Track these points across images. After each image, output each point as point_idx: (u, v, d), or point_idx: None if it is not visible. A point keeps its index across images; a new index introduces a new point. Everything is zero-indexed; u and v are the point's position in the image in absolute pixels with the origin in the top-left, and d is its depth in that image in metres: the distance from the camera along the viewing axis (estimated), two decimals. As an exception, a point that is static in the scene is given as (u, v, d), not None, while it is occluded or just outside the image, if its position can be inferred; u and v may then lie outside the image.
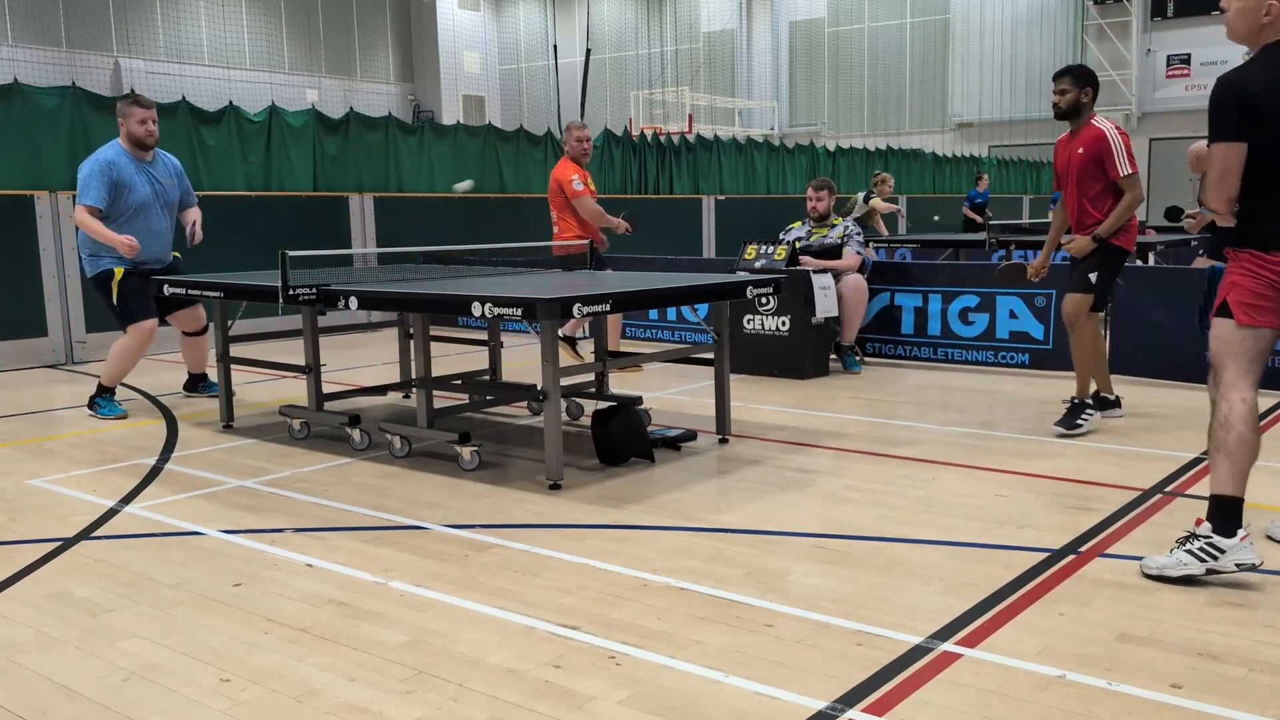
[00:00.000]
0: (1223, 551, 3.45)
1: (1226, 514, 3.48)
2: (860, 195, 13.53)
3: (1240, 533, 3.48)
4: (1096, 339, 6.00)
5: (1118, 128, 5.81)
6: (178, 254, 7.10)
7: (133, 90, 11.33)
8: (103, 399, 6.78)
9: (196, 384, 7.48)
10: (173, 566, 3.89)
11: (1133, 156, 5.77)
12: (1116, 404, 6.22)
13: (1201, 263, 8.48)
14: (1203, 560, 3.46)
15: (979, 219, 18.16)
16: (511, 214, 13.23)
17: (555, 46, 32.55)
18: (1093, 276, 5.81)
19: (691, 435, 5.81)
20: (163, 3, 25.05)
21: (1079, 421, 5.80)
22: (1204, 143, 4.29)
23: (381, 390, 6.64)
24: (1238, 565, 3.45)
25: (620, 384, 7.50)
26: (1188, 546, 3.51)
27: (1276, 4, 3.45)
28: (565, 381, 5.97)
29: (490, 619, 3.34)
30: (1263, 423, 6.04)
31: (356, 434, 5.71)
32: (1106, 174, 5.73)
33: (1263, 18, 3.46)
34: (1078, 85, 5.76)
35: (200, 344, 7.33)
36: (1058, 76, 5.86)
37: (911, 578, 3.65)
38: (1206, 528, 3.49)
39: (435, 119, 26.66)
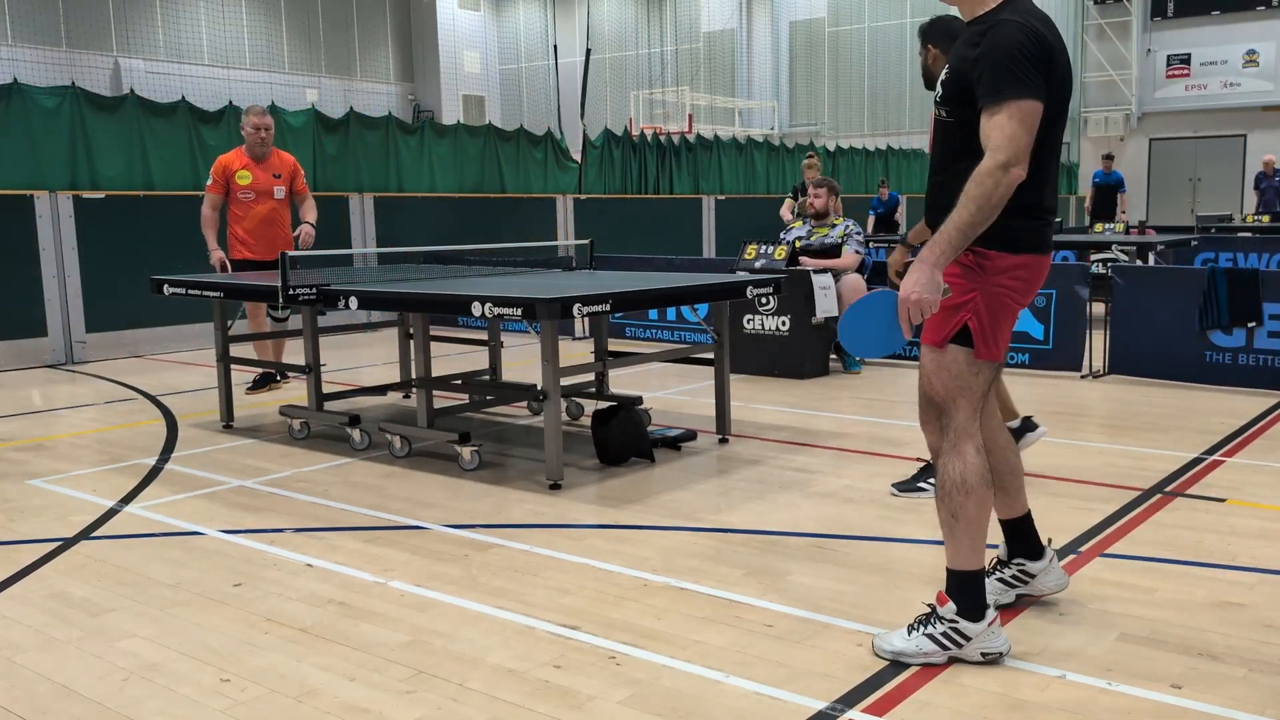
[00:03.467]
0: (969, 639, 2.96)
1: (973, 592, 2.99)
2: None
3: (990, 615, 2.98)
4: None
5: None
6: None
7: (132, 90, 11.33)
8: None
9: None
10: (173, 566, 3.89)
11: None
12: (1028, 427, 4.86)
13: None
14: (946, 648, 2.96)
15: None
16: (511, 214, 13.23)
17: (555, 46, 32.52)
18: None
19: (691, 435, 5.81)
20: (163, 3, 25.03)
21: (922, 485, 4.68)
22: None
23: (381, 390, 6.63)
24: (984, 655, 2.96)
25: (619, 384, 7.50)
26: (929, 630, 2.98)
27: None
28: (565, 381, 5.97)
29: (490, 619, 3.34)
30: (1262, 423, 6.04)
31: (356, 434, 5.71)
32: None
33: None
34: (927, 43, 4.53)
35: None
36: (919, 36, 4.62)
37: (911, 578, 3.65)
38: (950, 609, 2.97)
39: (435, 119, 26.64)
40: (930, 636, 2.97)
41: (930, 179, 3.16)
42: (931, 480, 4.62)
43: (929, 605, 3.05)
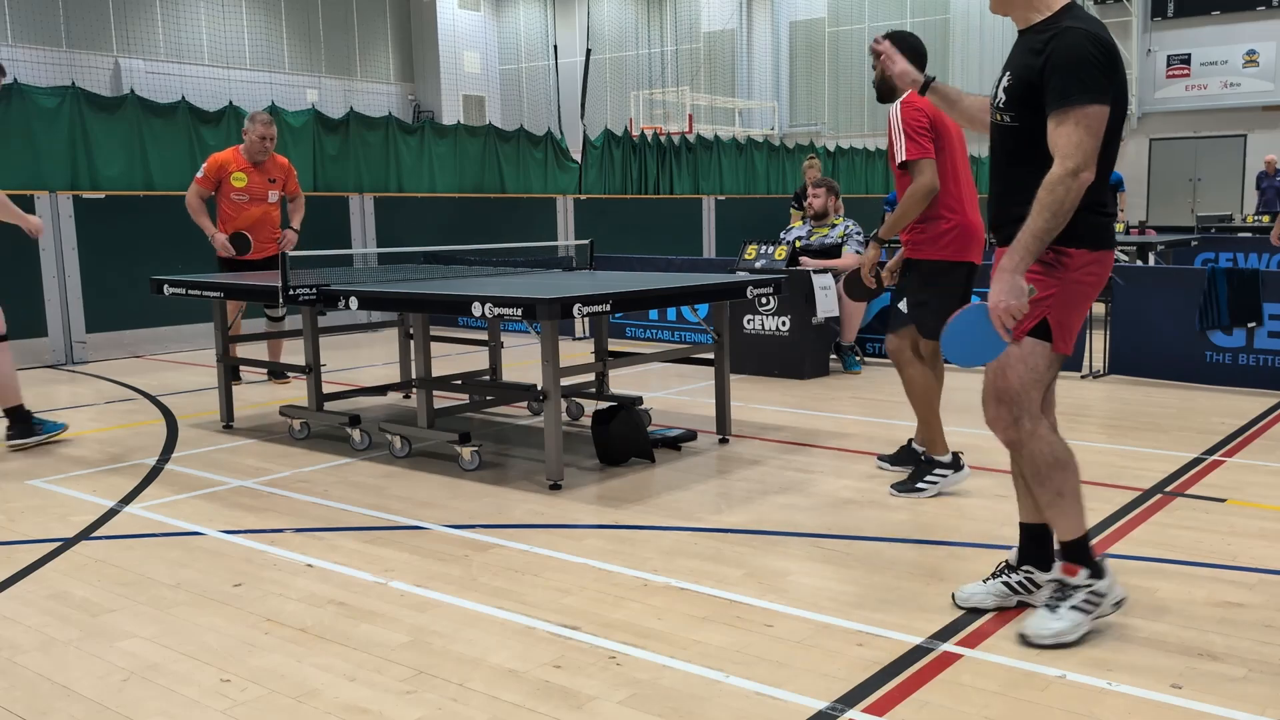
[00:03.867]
0: (1104, 595, 3.12)
1: (1090, 553, 3.14)
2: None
3: (1108, 567, 3.16)
4: (926, 377, 4.71)
5: (914, 102, 4.46)
6: None
7: (132, 90, 11.33)
8: (36, 419, 5.95)
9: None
10: (173, 566, 3.89)
11: (920, 134, 4.41)
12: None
13: None
14: (1089, 612, 3.10)
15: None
16: (511, 214, 13.24)
17: (555, 46, 32.52)
18: (903, 305, 4.70)
19: (691, 435, 5.81)
20: (163, 3, 25.04)
21: (920, 485, 4.63)
22: None
23: (381, 390, 6.64)
24: (1114, 606, 3.16)
25: (619, 384, 7.50)
26: (1072, 602, 3.10)
27: None
28: (565, 381, 5.97)
29: (490, 619, 3.34)
30: (1262, 423, 6.04)
31: (356, 434, 5.71)
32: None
33: None
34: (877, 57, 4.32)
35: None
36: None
37: (911, 578, 3.65)
38: (1083, 574, 3.11)
39: (435, 119, 26.65)
40: (1075, 608, 3.09)
41: (992, 185, 3.23)
42: (929, 479, 4.64)
43: (1057, 581, 3.14)
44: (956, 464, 4.67)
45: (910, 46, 4.49)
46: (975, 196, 4.64)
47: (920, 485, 4.64)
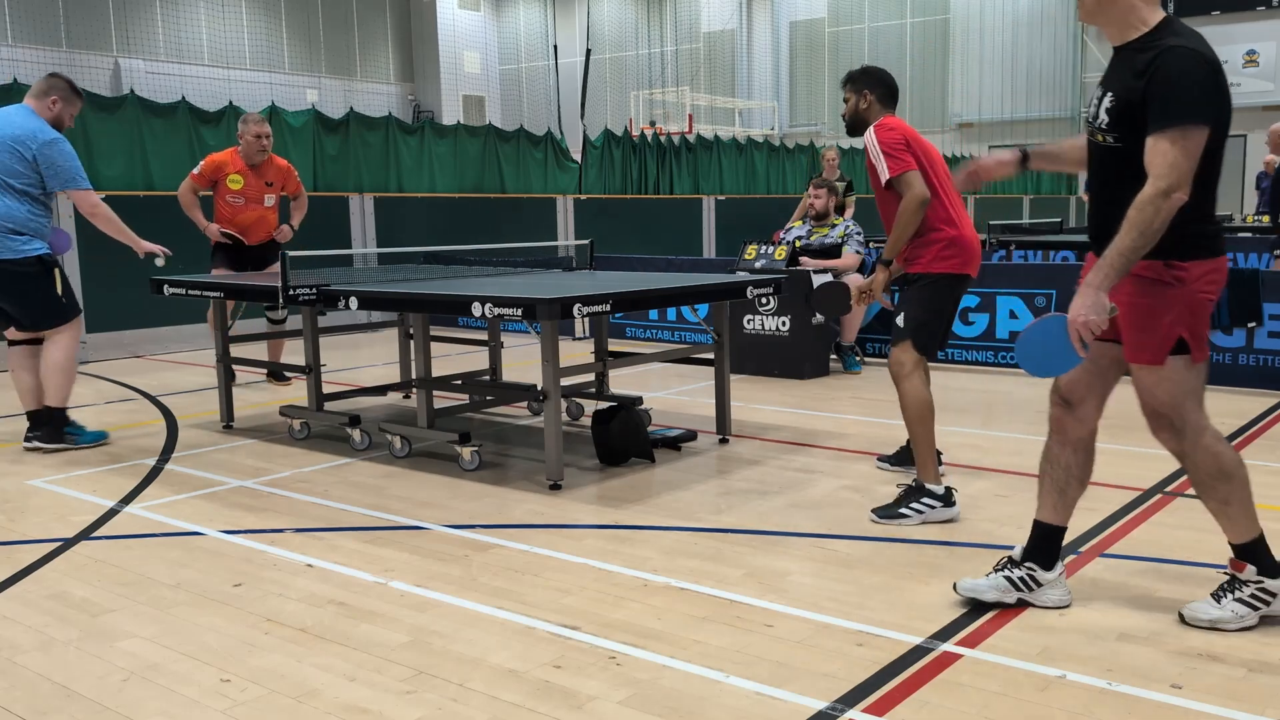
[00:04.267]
0: (1275, 595, 3.18)
1: (1266, 552, 3.19)
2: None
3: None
4: (922, 394, 4.42)
5: (886, 123, 4.50)
6: None
7: (132, 90, 11.33)
8: (72, 426, 5.87)
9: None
10: (173, 566, 3.89)
11: (899, 151, 4.37)
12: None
13: None
14: (1257, 608, 3.16)
15: None
16: (511, 214, 13.23)
17: (555, 46, 32.52)
18: (899, 320, 4.52)
19: (691, 435, 5.81)
20: (163, 3, 25.04)
21: (904, 511, 4.27)
22: None
23: (381, 390, 6.64)
24: None
25: (619, 384, 7.50)
26: (1238, 595, 3.17)
27: None
28: (565, 382, 5.97)
29: (490, 619, 3.34)
30: (1262, 423, 6.04)
31: (356, 434, 5.71)
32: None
33: None
34: (856, 90, 4.64)
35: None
36: (843, 84, 4.77)
37: (911, 578, 3.65)
38: (1251, 571, 3.17)
39: (435, 119, 26.66)
40: (1241, 601, 3.17)
41: (1093, 206, 3.26)
42: (913, 506, 4.27)
43: (1228, 574, 3.22)
44: (948, 499, 4.31)
45: (880, 80, 4.65)
46: (965, 209, 4.60)
47: (904, 512, 4.26)
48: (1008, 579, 3.34)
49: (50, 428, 5.78)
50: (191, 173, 7.60)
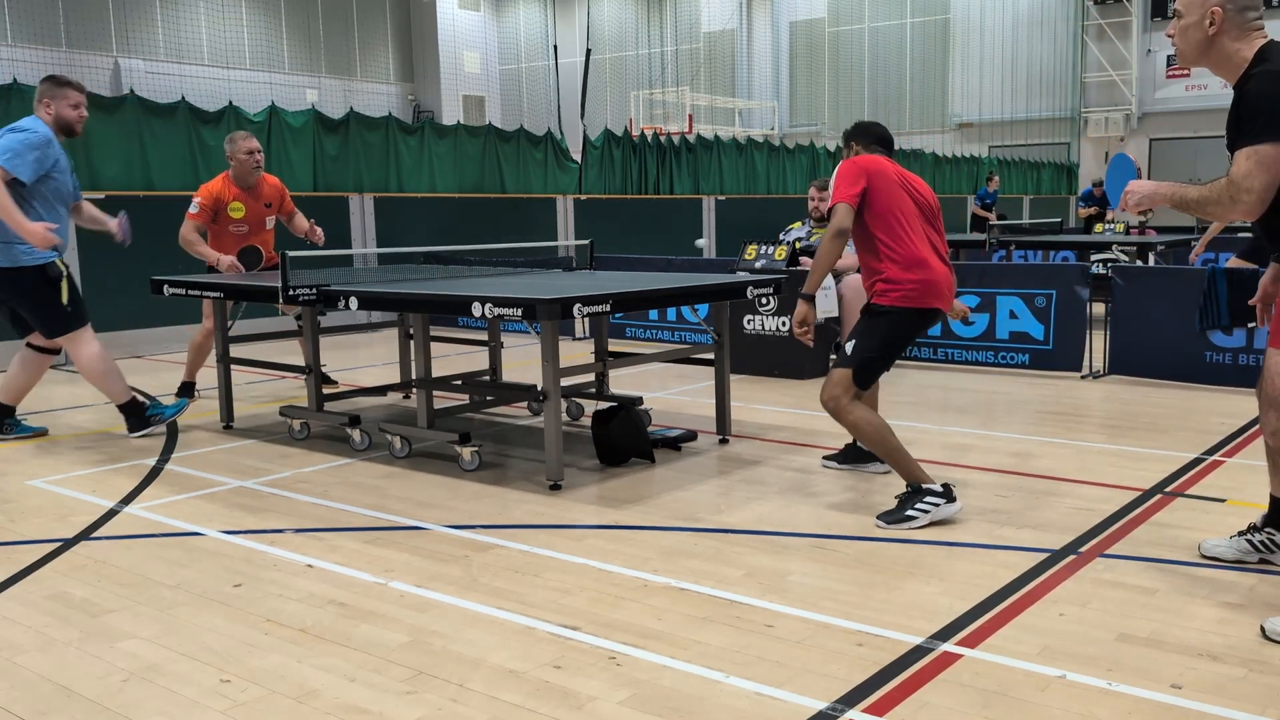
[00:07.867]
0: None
1: None
2: None
3: None
4: (868, 419, 4.43)
5: (856, 160, 4.51)
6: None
7: (132, 90, 11.33)
8: (153, 407, 6.18)
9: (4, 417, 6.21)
10: (173, 567, 3.89)
11: (846, 183, 4.39)
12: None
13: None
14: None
15: (989, 216, 18.25)
16: (511, 214, 13.23)
17: (555, 46, 32.51)
18: (848, 347, 4.52)
19: (692, 435, 5.81)
20: (163, 3, 25.04)
21: (910, 513, 4.26)
22: None
23: (381, 390, 6.64)
24: None
25: (619, 384, 7.50)
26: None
27: (1219, 9, 3.30)
28: (565, 382, 5.97)
29: (490, 619, 3.34)
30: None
31: (356, 434, 5.71)
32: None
33: (1208, 29, 3.33)
34: (846, 144, 4.76)
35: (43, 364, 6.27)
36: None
37: (911, 578, 3.65)
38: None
39: (435, 119, 26.66)
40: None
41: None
42: (918, 507, 4.24)
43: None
44: (949, 494, 4.30)
45: (866, 132, 4.71)
46: (940, 245, 4.51)
47: (911, 514, 4.24)
48: (1249, 542, 3.66)
49: (132, 420, 6.10)
50: (189, 213, 6.99)
